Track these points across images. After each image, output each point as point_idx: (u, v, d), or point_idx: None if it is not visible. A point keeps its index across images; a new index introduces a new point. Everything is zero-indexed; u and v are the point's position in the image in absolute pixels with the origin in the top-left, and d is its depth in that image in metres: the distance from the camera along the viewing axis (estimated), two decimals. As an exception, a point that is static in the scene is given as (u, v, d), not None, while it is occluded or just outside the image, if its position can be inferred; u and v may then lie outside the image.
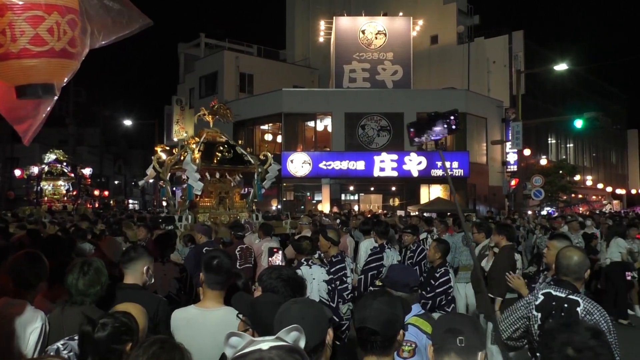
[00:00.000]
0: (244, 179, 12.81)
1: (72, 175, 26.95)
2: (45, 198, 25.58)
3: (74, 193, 27.13)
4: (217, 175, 11.28)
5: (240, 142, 12.55)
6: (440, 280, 5.19)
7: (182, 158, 10.70)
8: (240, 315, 2.50)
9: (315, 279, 4.80)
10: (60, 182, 26.04)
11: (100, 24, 2.08)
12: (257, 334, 2.20)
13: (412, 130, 4.30)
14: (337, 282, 5.61)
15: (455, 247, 9.47)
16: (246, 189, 12.65)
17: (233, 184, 11.71)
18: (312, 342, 1.72)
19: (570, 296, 3.24)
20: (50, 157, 26.11)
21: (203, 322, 3.04)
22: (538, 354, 3.34)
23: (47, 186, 25.95)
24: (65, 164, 26.53)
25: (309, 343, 1.56)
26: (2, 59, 1.86)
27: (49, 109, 2.06)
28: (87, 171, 29.57)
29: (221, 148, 11.21)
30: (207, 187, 11.08)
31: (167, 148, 12.21)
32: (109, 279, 3.28)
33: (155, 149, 11.60)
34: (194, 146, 10.86)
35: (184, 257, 7.20)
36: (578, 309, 3.17)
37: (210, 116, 11.70)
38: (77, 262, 3.20)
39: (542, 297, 3.34)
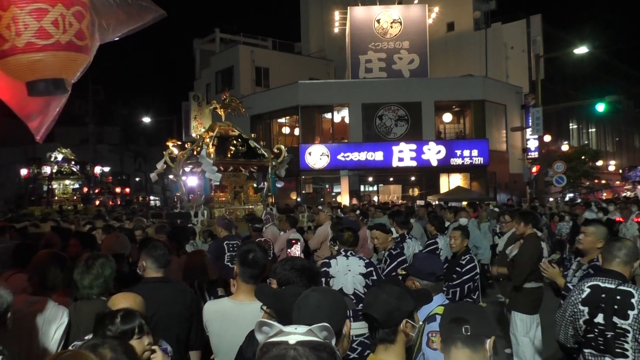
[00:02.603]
0: (260, 174, 12.86)
1: (82, 174, 26.71)
2: (56, 198, 25.47)
3: (84, 191, 27.07)
4: (231, 169, 11.36)
5: (252, 135, 12.54)
6: (467, 268, 5.13)
7: (194, 153, 10.75)
8: (264, 307, 2.49)
9: (350, 271, 4.68)
10: (68, 182, 25.85)
11: (110, 16, 2.02)
12: None
13: None
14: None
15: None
16: (263, 183, 12.68)
17: (246, 177, 11.79)
18: None
19: (621, 287, 3.08)
20: (58, 156, 25.75)
21: (238, 315, 3.04)
22: (585, 350, 3.23)
23: (56, 185, 25.77)
24: (73, 162, 26.24)
25: None
26: (8, 54, 1.83)
27: (60, 105, 2.03)
28: (97, 169, 29.42)
29: (234, 142, 11.25)
30: (222, 182, 11.15)
31: (179, 143, 12.28)
32: (117, 273, 3.33)
33: (167, 144, 11.65)
34: (208, 140, 10.92)
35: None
36: (633, 300, 3.02)
37: (222, 109, 11.76)
38: (83, 257, 3.25)
39: (588, 290, 3.18)
